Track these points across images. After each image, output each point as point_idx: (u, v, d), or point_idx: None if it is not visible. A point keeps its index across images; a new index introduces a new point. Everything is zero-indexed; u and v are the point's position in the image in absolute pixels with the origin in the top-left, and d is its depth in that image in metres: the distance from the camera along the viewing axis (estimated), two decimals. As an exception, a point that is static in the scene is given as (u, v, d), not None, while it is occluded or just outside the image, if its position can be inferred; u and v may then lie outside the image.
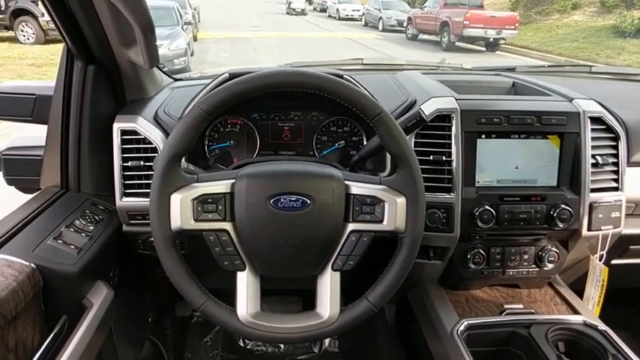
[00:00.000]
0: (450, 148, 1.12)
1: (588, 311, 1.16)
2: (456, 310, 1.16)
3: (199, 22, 15.59)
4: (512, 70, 1.72)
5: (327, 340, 1.89)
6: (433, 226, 1.11)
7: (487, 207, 1.11)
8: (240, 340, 1.88)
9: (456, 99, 1.15)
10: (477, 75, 1.58)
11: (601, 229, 1.17)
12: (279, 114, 1.28)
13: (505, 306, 1.18)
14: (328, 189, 0.83)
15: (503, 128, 1.13)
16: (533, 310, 1.17)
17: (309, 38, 14.13)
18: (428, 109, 1.12)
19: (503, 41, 12.90)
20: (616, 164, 1.17)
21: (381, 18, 16.62)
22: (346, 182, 0.85)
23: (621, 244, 1.28)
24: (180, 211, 0.79)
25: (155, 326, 1.51)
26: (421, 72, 1.49)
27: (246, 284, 0.83)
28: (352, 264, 0.84)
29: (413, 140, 1.12)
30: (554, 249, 1.19)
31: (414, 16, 14.83)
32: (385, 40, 13.90)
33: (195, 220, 0.80)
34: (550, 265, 1.20)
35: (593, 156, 1.15)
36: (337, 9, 20.88)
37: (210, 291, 0.84)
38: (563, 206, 1.13)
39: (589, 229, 1.16)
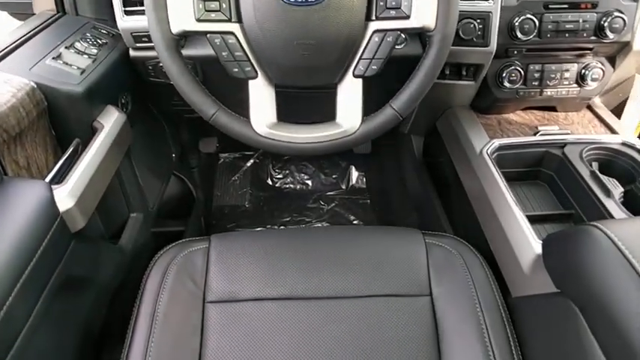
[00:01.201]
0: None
1: (628, 132, 1.08)
2: (487, 133, 1.10)
3: None
4: None
5: (354, 177, 1.90)
6: (467, 38, 0.99)
7: (529, 16, 0.98)
8: (269, 179, 1.90)
9: None
10: None
11: (656, 42, 1.03)
12: None
13: (539, 128, 1.11)
14: None
15: None
16: (569, 132, 1.10)
17: None
18: None
19: None
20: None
21: None
22: None
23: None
24: (179, 9, 0.70)
25: (180, 164, 1.51)
26: None
27: (260, 93, 0.76)
28: (375, 69, 0.76)
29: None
30: (599, 65, 1.07)
31: None
32: None
33: (198, 20, 0.71)
34: (593, 84, 1.09)
35: None
36: None
37: None
38: (616, 14, 0.98)
39: (643, 41, 1.03)
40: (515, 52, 1.05)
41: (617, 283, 0.56)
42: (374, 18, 0.74)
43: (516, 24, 0.98)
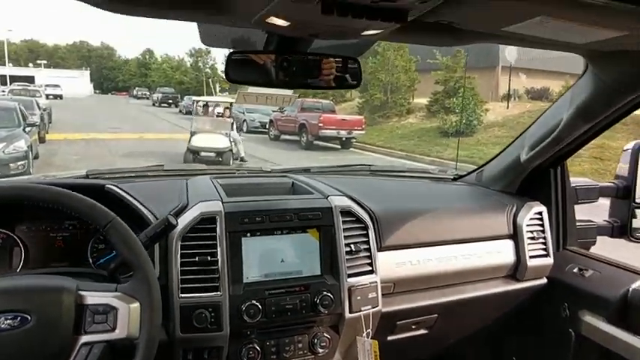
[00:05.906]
0: (216, 249, 1.19)
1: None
2: None
3: (50, 122, 15.13)
4: (307, 170, 1.90)
5: None
6: (201, 326, 1.13)
7: (253, 302, 1.17)
8: None
9: (223, 202, 1.25)
10: (264, 177, 1.73)
11: (362, 310, 1.29)
12: (50, 224, 1.26)
13: None
14: (55, 302, 0.83)
15: (266, 226, 1.24)
16: None
17: (169, 139, 14.37)
18: (193, 213, 1.20)
19: (354, 140, 14.53)
20: (368, 250, 1.33)
21: (245, 120, 17.32)
22: (80, 292, 0.86)
23: (388, 321, 1.41)
24: None
25: None
26: (212, 177, 1.59)
27: None
28: None
29: (180, 243, 1.17)
30: (325, 334, 1.28)
31: (275, 119, 16.02)
32: (250, 141, 14.28)
33: None
34: (323, 351, 1.27)
35: (348, 244, 1.30)
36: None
37: None
38: (325, 293, 1.23)
39: (351, 312, 1.27)
40: (249, 332, 1.21)
41: None
42: (83, 332, 0.85)
43: (243, 309, 1.17)
